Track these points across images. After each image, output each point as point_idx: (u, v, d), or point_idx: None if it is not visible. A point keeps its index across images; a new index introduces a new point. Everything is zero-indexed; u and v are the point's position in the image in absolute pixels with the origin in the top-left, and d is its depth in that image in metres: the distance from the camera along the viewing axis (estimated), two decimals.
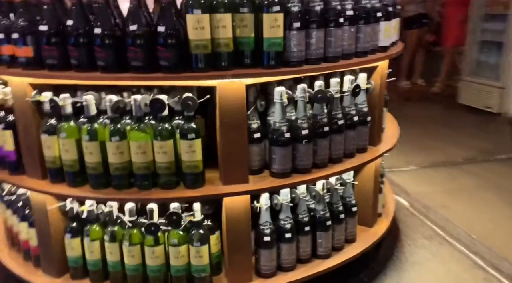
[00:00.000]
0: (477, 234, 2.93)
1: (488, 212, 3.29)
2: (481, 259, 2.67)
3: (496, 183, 3.78)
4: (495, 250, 2.75)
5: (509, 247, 2.79)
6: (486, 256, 2.70)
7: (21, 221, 2.29)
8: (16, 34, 1.83)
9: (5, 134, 2.08)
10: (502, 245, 2.80)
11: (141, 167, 1.92)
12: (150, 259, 2.05)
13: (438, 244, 2.85)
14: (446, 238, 2.92)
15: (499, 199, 3.48)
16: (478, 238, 2.89)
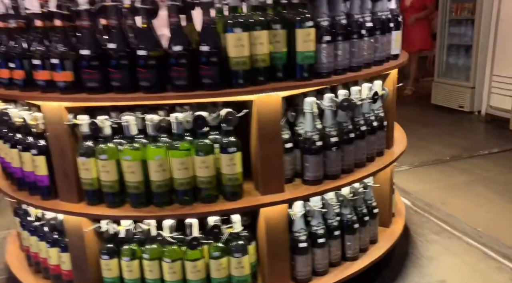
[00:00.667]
0: (481, 227, 3.09)
1: (485, 204, 3.47)
2: (490, 249, 2.82)
3: (485, 177, 3.99)
4: (502, 240, 2.90)
5: None
6: (494, 246, 2.84)
7: (51, 246, 2.25)
8: (55, 60, 1.82)
9: (38, 159, 2.06)
10: (507, 235, 2.96)
11: (183, 182, 1.95)
12: (192, 274, 2.07)
13: (448, 239, 2.98)
14: (453, 232, 3.06)
15: (492, 192, 3.67)
16: (483, 230, 3.04)
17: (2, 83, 2.09)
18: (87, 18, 1.80)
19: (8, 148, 2.20)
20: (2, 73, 2.04)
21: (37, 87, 1.95)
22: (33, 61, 1.89)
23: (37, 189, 2.13)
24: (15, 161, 2.19)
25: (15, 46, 1.96)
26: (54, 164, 2.04)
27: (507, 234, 2.99)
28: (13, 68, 1.96)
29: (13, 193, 2.25)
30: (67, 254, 2.21)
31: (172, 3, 1.76)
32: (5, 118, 2.11)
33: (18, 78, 1.97)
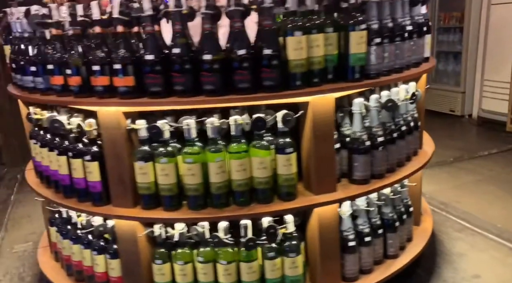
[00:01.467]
0: (500, 223, 3.18)
1: (497, 202, 3.57)
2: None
3: (490, 176, 4.11)
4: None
5: None
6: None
7: (99, 253, 2.22)
8: (118, 65, 1.82)
9: (92, 165, 2.04)
10: None
11: (241, 184, 1.96)
12: (247, 275, 2.07)
13: (471, 235, 3.06)
14: (474, 229, 3.14)
15: (500, 189, 3.78)
16: (503, 226, 3.14)
17: (54, 90, 2.07)
18: (151, 23, 1.81)
19: (56, 155, 2.17)
20: (55, 80, 2.02)
21: (93, 93, 1.94)
22: (93, 67, 1.88)
23: (88, 195, 2.11)
24: (63, 168, 2.16)
25: (72, 53, 1.94)
26: (108, 169, 2.02)
27: None
28: (70, 74, 1.94)
29: (60, 200, 2.21)
30: (116, 260, 2.18)
31: (234, 9, 1.78)
32: (55, 125, 2.08)
33: (75, 84, 1.95)
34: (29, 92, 2.23)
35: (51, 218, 2.57)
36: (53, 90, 2.08)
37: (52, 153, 2.20)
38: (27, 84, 2.19)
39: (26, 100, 2.36)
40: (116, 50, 1.85)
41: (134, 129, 1.95)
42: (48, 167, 2.29)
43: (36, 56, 2.10)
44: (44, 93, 2.14)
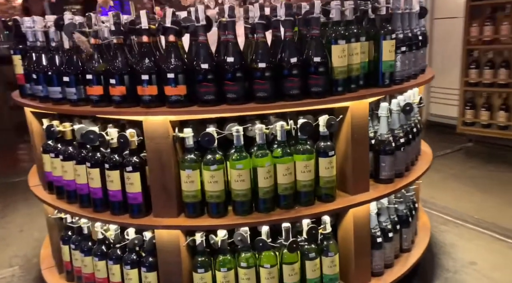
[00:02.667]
0: (475, 214, 3.46)
1: (464, 196, 3.87)
2: (494, 232, 3.17)
3: (451, 174, 4.44)
4: (498, 223, 3.28)
5: (506, 219, 3.35)
6: (497, 230, 3.21)
7: (132, 268, 2.14)
8: (171, 74, 1.79)
9: (133, 176, 1.97)
10: (499, 219, 3.35)
11: (287, 187, 2.00)
12: (289, 277, 2.10)
13: (455, 227, 3.30)
14: (456, 221, 3.38)
15: (464, 185, 4.11)
16: (479, 217, 3.42)
17: (90, 101, 1.98)
18: (204, 33, 1.81)
19: (87, 168, 2.07)
20: (93, 90, 1.94)
21: (137, 103, 1.89)
22: (142, 77, 1.83)
23: (124, 207, 2.03)
24: (95, 181, 2.06)
25: (116, 63, 1.88)
26: (151, 179, 1.97)
27: (498, 218, 3.37)
28: (113, 84, 1.87)
29: (91, 214, 2.11)
30: (153, 273, 2.11)
31: (287, 19, 1.83)
32: (91, 137, 1.99)
33: (119, 94, 1.89)
34: (54, 104, 2.11)
35: (64, 236, 2.43)
36: (87, 101, 1.99)
37: (80, 166, 2.10)
38: (54, 95, 2.07)
39: (53, 111, 2.22)
40: (167, 59, 1.82)
41: (177, 138, 1.92)
42: (71, 181, 2.17)
43: (69, 66, 1.99)
44: (75, 104, 2.03)
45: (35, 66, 2.14)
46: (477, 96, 5.10)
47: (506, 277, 2.68)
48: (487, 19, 4.88)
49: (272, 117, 2.07)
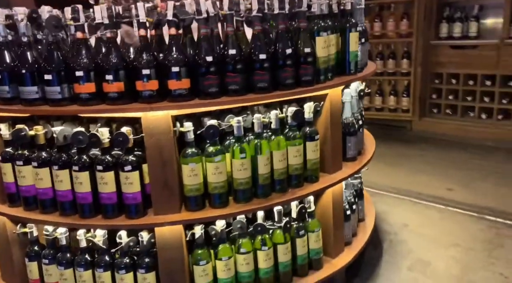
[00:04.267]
0: (394, 184, 3.93)
1: (378, 170, 4.31)
2: (411, 197, 3.66)
3: None
4: (412, 190, 3.78)
5: (415, 184, 3.87)
6: (412, 195, 3.70)
7: (127, 272, 2.02)
8: (176, 68, 1.75)
9: (133, 175, 1.88)
10: (412, 185, 3.86)
11: (283, 172, 2.09)
12: (284, 256, 2.20)
13: (381, 197, 3.71)
14: (382, 192, 3.81)
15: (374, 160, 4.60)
16: (397, 186, 3.89)
17: (79, 99, 1.82)
18: (207, 26, 1.80)
19: (75, 172, 1.91)
20: (83, 88, 1.79)
21: (136, 99, 1.81)
22: (143, 72, 1.76)
23: (120, 209, 1.93)
24: (84, 185, 1.91)
25: (111, 58, 1.76)
26: (152, 176, 1.90)
27: (410, 185, 3.89)
28: (110, 80, 1.76)
29: (78, 221, 1.95)
30: (151, 273, 2.04)
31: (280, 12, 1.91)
32: (79, 138, 1.84)
33: (116, 90, 1.78)
34: (26, 105, 1.89)
35: (30, 252, 2.18)
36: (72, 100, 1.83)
37: (63, 171, 1.92)
38: (28, 96, 1.85)
39: (29, 113, 1.98)
40: (169, 53, 1.77)
41: (178, 132, 1.89)
42: (48, 189, 1.97)
43: (50, 63, 1.80)
44: (57, 104, 1.85)
45: None
46: (371, 84, 5.69)
47: (434, 231, 3.13)
48: (376, 17, 5.48)
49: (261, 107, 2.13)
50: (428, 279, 2.60)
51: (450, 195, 3.72)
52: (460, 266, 2.71)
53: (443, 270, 2.68)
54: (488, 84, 5.06)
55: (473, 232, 3.12)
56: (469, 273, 2.64)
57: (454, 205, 3.53)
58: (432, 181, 4.00)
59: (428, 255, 2.84)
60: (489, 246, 2.93)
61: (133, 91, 1.81)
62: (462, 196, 3.69)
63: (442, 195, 3.73)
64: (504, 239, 3.02)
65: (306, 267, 2.30)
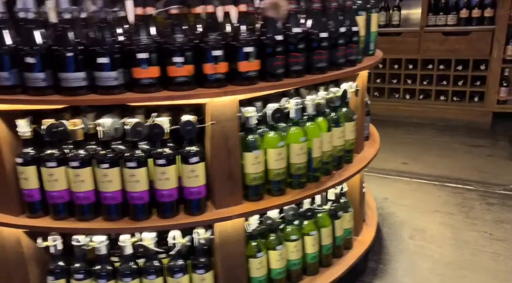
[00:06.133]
0: None
1: None
2: (383, 174, 3.86)
3: None
4: (384, 167, 4.00)
5: (385, 162, 4.08)
6: (383, 171, 3.91)
7: (184, 274, 1.82)
8: (248, 48, 1.59)
9: (199, 167, 1.68)
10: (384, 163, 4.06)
11: (331, 154, 2.05)
12: (327, 239, 2.17)
13: None
14: None
15: None
16: None
17: (138, 85, 1.57)
18: None
19: (132, 168, 1.64)
20: (145, 73, 1.55)
21: (201, 83, 1.62)
22: (212, 53, 1.57)
23: (178, 206, 1.73)
24: (142, 183, 1.66)
25: (178, 37, 1.54)
26: (215, 167, 1.73)
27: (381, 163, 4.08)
28: (180, 63, 1.54)
29: (132, 225, 1.70)
30: (210, 273, 1.86)
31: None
32: (138, 130, 1.59)
33: (186, 74, 1.57)
34: (72, 94, 1.56)
35: (55, 269, 1.84)
36: (128, 87, 1.58)
37: (111, 170, 1.65)
38: (71, 83, 1.53)
39: (78, 104, 1.67)
40: (238, 32, 1.61)
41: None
42: (86, 192, 1.68)
43: (103, 43, 1.51)
44: (110, 92, 1.57)
45: (29, 46, 1.52)
46: None
47: (411, 201, 3.35)
48: None
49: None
50: (431, 244, 2.77)
51: (407, 168, 4.00)
52: (450, 229, 2.94)
53: (439, 234, 2.88)
54: (410, 67, 5.50)
55: (444, 198, 3.40)
56: (459, 234, 2.87)
57: (416, 176, 3.81)
58: (386, 156, 4.23)
59: (419, 223, 3.02)
60: (463, 209, 3.22)
61: (198, 76, 1.62)
62: (418, 168, 3.99)
63: (401, 168, 3.99)
64: (471, 201, 3.33)
65: (342, 247, 2.29)
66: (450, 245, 2.74)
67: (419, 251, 2.70)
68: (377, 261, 2.61)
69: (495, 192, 3.46)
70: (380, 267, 2.55)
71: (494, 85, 5.07)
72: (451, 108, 5.32)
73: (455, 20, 5.18)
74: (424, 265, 2.55)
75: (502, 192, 3.48)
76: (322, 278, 2.12)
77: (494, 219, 3.06)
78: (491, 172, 3.86)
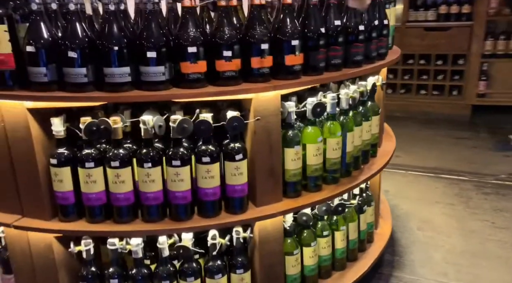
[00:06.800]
0: None
1: None
2: None
3: None
4: None
5: None
6: None
7: (223, 275, 1.78)
8: (294, 41, 1.55)
9: (243, 165, 1.64)
10: None
11: (360, 148, 2.05)
12: (353, 233, 2.19)
13: None
14: None
15: None
16: None
17: (185, 80, 1.50)
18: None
19: (177, 167, 1.57)
20: (193, 68, 1.48)
21: (247, 78, 1.58)
22: (262, 46, 1.53)
23: (220, 205, 1.68)
24: (186, 182, 1.60)
25: (227, 30, 1.48)
26: (258, 163, 1.68)
27: None
28: (227, 57, 1.49)
29: (174, 225, 1.64)
30: (248, 273, 1.82)
31: None
32: (184, 127, 1.52)
33: (234, 69, 1.51)
34: (116, 90, 1.47)
35: (87, 275, 1.75)
36: (174, 82, 1.51)
37: (154, 169, 1.58)
38: (116, 79, 1.45)
39: (128, 100, 1.54)
40: (283, 25, 1.57)
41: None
42: (126, 193, 1.60)
43: (150, 36, 1.43)
44: (155, 88, 1.49)
45: (71, 40, 1.42)
46: None
47: (411, 193, 3.42)
48: None
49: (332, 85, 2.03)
50: (440, 235, 2.83)
51: (401, 160, 4.07)
52: (454, 219, 3.01)
53: (445, 225, 2.95)
54: None
55: (441, 189, 3.49)
56: (464, 224, 2.95)
57: (410, 169, 3.88)
58: None
59: (424, 215, 3.09)
60: (461, 199, 3.31)
61: (244, 70, 1.57)
62: (410, 160, 4.07)
63: (394, 161, 4.03)
64: (468, 192, 3.43)
65: (366, 241, 2.31)
66: (458, 235, 2.81)
67: (429, 242, 2.75)
68: (392, 253, 2.64)
69: (488, 182, 3.58)
70: (396, 259, 2.58)
71: (473, 79, 5.25)
72: (432, 102, 5.47)
73: (435, 16, 5.32)
74: (437, 256, 2.60)
75: (494, 181, 3.60)
76: (350, 273, 2.13)
77: (493, 208, 3.16)
78: (480, 163, 3.99)
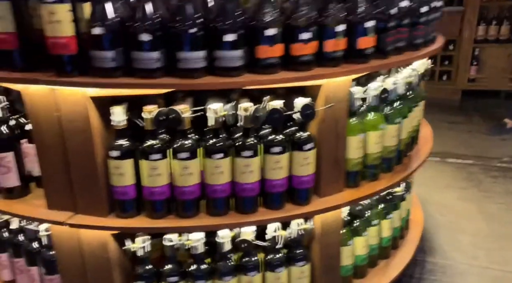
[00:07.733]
0: None
1: None
2: None
3: None
4: None
5: None
6: None
7: (286, 267, 1.72)
8: (369, 23, 1.48)
9: (312, 155, 1.56)
10: None
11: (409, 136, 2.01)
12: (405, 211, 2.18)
13: None
14: None
15: None
16: None
17: (258, 66, 1.40)
18: None
19: (247, 158, 1.49)
20: (269, 52, 1.39)
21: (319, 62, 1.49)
22: (337, 29, 1.45)
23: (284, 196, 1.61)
24: (255, 173, 1.52)
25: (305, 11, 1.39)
26: (324, 152, 1.61)
27: None
28: (305, 40, 1.40)
29: (240, 219, 1.55)
30: (308, 265, 1.76)
31: None
32: (276, 117, 1.43)
33: (310, 53, 1.43)
34: (190, 76, 1.35)
35: (143, 274, 1.64)
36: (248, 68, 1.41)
37: (224, 160, 1.48)
38: (190, 64, 1.33)
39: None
40: (355, 6, 1.50)
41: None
42: (191, 186, 1.49)
43: (228, 18, 1.32)
44: (228, 74, 1.38)
45: (143, 21, 1.29)
46: None
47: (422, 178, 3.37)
48: None
49: None
50: (461, 219, 2.87)
51: None
52: (470, 203, 3.05)
53: (463, 209, 2.98)
54: None
55: (450, 173, 3.53)
56: (482, 207, 3.00)
57: None
58: None
59: (440, 199, 3.11)
60: (472, 183, 3.37)
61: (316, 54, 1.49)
62: None
63: None
64: (477, 175, 3.49)
65: (405, 228, 2.29)
66: (479, 219, 2.85)
67: (453, 227, 2.78)
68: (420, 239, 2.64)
69: (493, 166, 3.65)
70: (426, 244, 2.59)
71: (464, 64, 5.33)
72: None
73: None
74: (465, 240, 2.63)
75: (499, 164, 3.68)
76: (396, 260, 2.11)
77: (505, 191, 3.22)
78: (479, 146, 4.06)
